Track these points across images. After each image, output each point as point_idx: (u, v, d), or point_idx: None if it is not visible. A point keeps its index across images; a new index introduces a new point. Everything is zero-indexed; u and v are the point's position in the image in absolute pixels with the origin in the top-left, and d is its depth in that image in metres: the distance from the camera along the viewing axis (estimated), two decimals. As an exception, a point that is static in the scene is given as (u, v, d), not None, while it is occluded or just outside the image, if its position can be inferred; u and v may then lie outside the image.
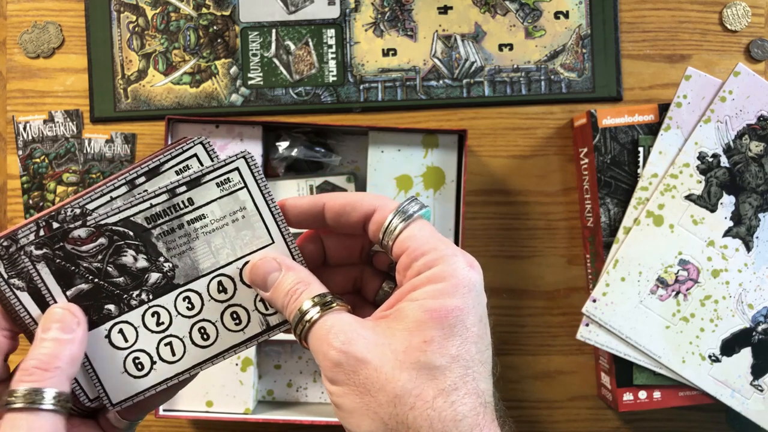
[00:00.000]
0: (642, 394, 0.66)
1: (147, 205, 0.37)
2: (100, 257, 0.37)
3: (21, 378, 0.34)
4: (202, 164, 0.38)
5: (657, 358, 0.64)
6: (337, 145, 0.72)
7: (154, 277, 0.38)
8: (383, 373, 0.29)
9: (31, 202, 0.72)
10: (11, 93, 0.73)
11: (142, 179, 0.38)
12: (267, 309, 0.39)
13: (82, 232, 0.36)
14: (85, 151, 0.72)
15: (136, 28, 0.72)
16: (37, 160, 0.72)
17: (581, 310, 0.65)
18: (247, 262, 0.38)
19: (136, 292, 0.38)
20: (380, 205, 0.34)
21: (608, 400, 0.68)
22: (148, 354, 0.38)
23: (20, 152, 0.72)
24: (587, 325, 0.65)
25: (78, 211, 0.37)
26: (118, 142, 0.72)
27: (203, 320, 0.38)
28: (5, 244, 0.36)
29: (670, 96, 0.66)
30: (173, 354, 0.39)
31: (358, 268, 0.39)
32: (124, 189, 0.38)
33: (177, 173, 0.38)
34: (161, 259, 0.38)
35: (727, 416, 0.71)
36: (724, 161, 0.64)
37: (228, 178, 0.37)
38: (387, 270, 0.39)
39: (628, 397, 0.66)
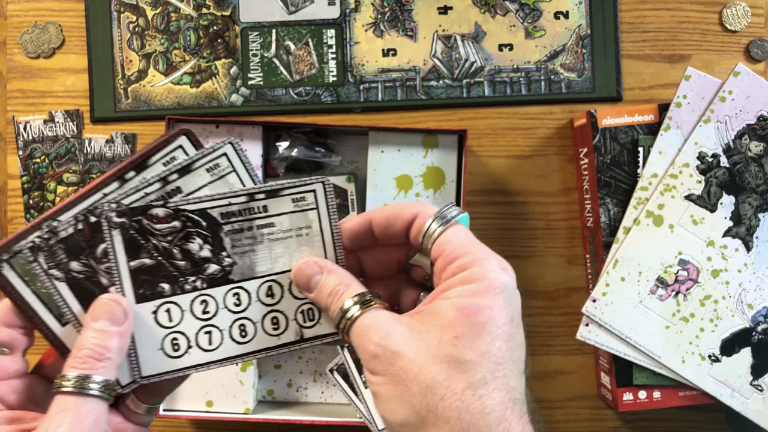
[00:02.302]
0: (642, 394, 0.66)
1: (226, 202, 0.39)
2: (169, 238, 0.39)
3: (72, 364, 0.36)
4: (187, 154, 0.41)
5: (657, 358, 0.64)
6: (337, 145, 0.72)
7: (213, 268, 0.40)
8: (416, 365, 0.31)
9: (31, 202, 0.72)
10: (11, 93, 0.73)
11: (132, 173, 0.40)
12: (305, 322, 0.41)
13: (160, 211, 0.39)
14: (85, 151, 0.72)
15: (137, 29, 0.72)
16: (38, 160, 0.72)
17: (581, 310, 0.65)
18: None
19: (192, 278, 0.40)
20: (420, 211, 0.37)
21: (608, 399, 0.69)
22: (187, 338, 0.40)
23: (20, 152, 0.72)
24: (587, 325, 0.65)
25: (114, 205, 0.39)
26: (118, 142, 0.72)
27: (246, 318, 0.41)
28: (46, 237, 0.38)
29: (670, 96, 0.66)
30: (210, 343, 0.40)
31: (395, 282, 0.41)
32: (115, 185, 0.40)
33: (164, 165, 0.40)
34: (224, 253, 0.40)
35: (727, 416, 0.71)
36: (724, 161, 0.64)
37: (304, 197, 0.40)
38: (423, 281, 0.40)
39: (627, 396, 0.66)
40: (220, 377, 0.67)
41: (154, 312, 0.40)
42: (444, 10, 0.73)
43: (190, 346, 0.40)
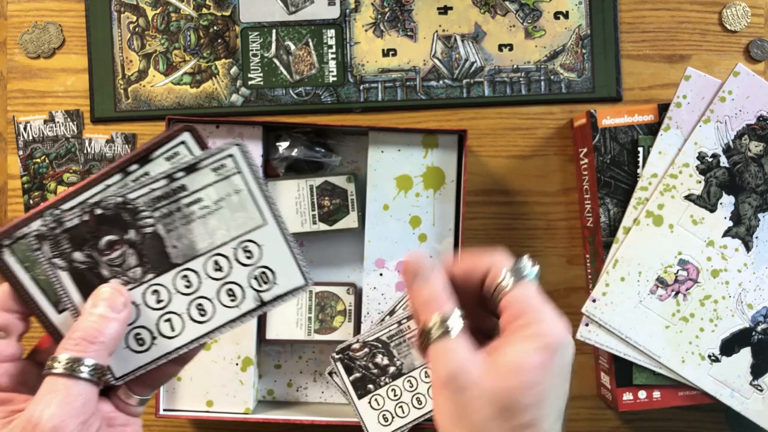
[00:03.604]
0: (642, 394, 0.66)
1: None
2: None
3: (65, 346, 0.37)
4: (189, 150, 0.41)
5: (657, 357, 0.64)
6: (337, 145, 0.72)
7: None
8: (476, 403, 0.35)
9: (31, 202, 0.72)
10: (12, 93, 0.73)
11: (135, 166, 0.41)
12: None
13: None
14: (85, 151, 0.72)
15: (137, 29, 0.73)
16: (38, 160, 0.72)
17: (581, 310, 0.65)
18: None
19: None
20: (493, 263, 0.39)
21: (608, 399, 0.69)
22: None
23: (21, 152, 0.72)
24: (587, 324, 0.65)
25: (120, 199, 0.39)
26: (118, 142, 0.72)
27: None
28: (52, 225, 0.39)
29: (670, 96, 0.66)
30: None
31: (471, 303, 0.42)
32: (118, 176, 0.40)
33: (167, 159, 0.41)
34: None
35: (727, 416, 0.71)
36: (724, 161, 0.64)
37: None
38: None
39: (627, 396, 0.66)
40: (220, 377, 0.67)
41: None
42: (444, 10, 0.73)
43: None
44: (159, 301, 0.40)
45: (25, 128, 0.72)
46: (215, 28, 0.73)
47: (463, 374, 0.36)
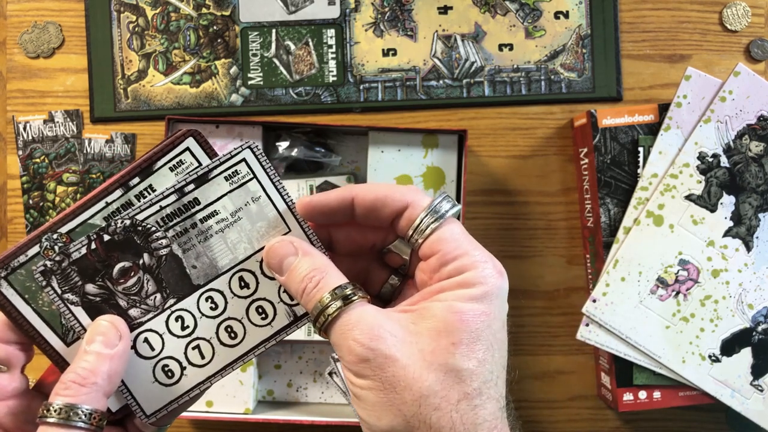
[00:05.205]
0: (642, 394, 0.66)
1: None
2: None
3: (58, 391, 0.34)
4: (195, 157, 0.37)
5: (657, 358, 0.64)
6: (337, 145, 0.72)
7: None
8: (411, 372, 0.30)
9: (31, 202, 0.72)
10: (11, 93, 0.73)
11: (136, 179, 0.37)
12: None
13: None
14: (85, 151, 0.72)
15: (136, 28, 0.72)
16: (37, 160, 0.72)
17: (581, 310, 0.65)
18: None
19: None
20: (412, 201, 0.34)
21: (608, 400, 0.68)
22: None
23: (20, 152, 0.72)
24: (587, 325, 0.65)
25: (128, 222, 0.36)
26: (118, 142, 0.72)
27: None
28: (58, 259, 0.35)
29: (670, 96, 0.66)
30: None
31: (365, 261, 0.39)
32: (119, 192, 0.37)
33: (171, 170, 0.37)
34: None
35: (727, 416, 0.71)
36: (724, 161, 0.64)
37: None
38: (397, 268, 0.38)
39: (628, 397, 0.66)
40: (220, 377, 0.67)
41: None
42: (444, 10, 0.72)
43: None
44: (184, 328, 0.37)
45: (24, 128, 0.72)
46: (215, 27, 0.72)
47: (384, 341, 0.30)
